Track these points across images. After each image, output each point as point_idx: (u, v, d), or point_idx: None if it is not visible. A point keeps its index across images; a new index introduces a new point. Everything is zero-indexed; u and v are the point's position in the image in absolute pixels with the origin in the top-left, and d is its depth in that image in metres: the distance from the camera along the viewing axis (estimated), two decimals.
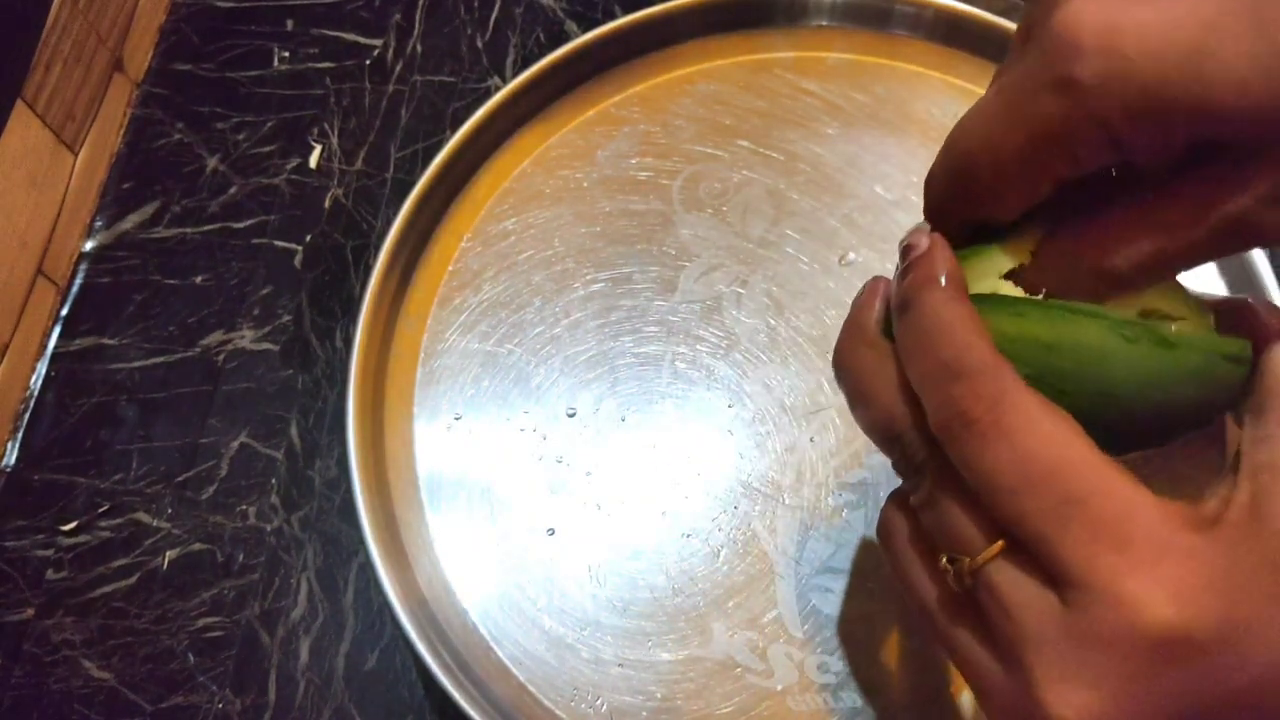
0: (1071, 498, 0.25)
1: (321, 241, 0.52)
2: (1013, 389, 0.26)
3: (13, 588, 0.46)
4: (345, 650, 0.44)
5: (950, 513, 0.27)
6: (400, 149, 0.54)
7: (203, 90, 0.56)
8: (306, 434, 0.48)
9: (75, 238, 0.53)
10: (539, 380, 0.46)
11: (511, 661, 0.41)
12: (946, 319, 0.27)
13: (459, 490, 0.44)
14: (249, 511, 0.47)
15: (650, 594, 0.42)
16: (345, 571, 0.45)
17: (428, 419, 0.46)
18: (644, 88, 0.51)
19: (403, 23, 0.57)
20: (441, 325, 0.47)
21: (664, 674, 0.41)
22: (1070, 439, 0.25)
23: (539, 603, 0.42)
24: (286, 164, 0.54)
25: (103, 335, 0.51)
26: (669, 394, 0.45)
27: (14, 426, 0.49)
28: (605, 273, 0.48)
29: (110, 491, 0.47)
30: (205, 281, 0.52)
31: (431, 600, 0.42)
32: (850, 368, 0.30)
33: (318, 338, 0.50)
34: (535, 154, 0.50)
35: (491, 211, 0.49)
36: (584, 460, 0.44)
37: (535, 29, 0.56)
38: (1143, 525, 0.24)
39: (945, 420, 0.26)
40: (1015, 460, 0.25)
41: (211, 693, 0.44)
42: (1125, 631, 0.24)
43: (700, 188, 0.49)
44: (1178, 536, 0.24)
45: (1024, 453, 0.25)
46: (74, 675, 0.44)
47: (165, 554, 0.46)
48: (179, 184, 0.54)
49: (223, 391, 0.49)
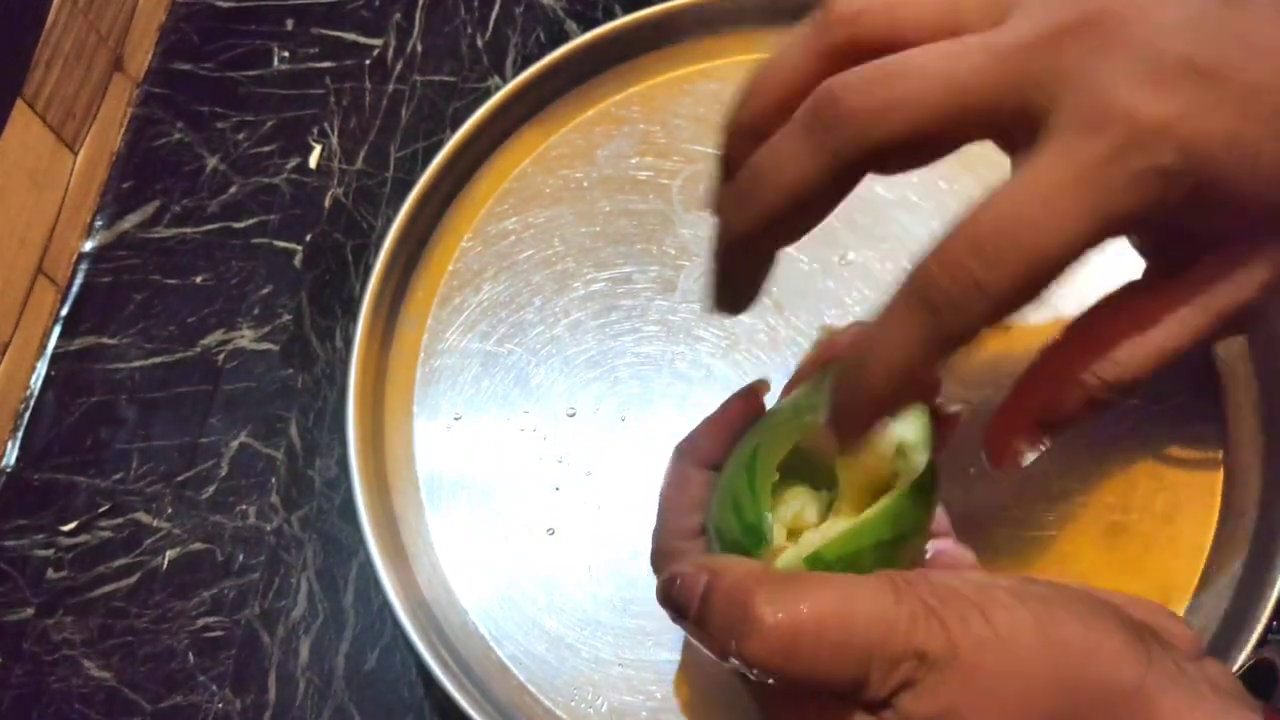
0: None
1: (321, 241, 0.52)
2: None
3: (13, 587, 0.46)
4: (345, 650, 0.44)
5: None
6: (400, 149, 0.54)
7: (203, 90, 0.56)
8: (306, 433, 0.48)
9: (75, 237, 0.53)
10: (539, 380, 0.46)
11: (511, 661, 0.41)
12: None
13: (459, 490, 0.44)
14: (249, 511, 0.47)
15: (650, 594, 0.41)
16: (345, 571, 0.45)
17: (428, 419, 0.46)
18: (644, 88, 0.51)
19: (403, 22, 0.57)
20: (441, 325, 0.47)
21: (664, 674, 0.41)
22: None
23: (539, 603, 0.42)
24: (286, 164, 0.54)
25: (103, 335, 0.51)
26: (669, 394, 0.45)
27: (14, 426, 0.49)
28: (605, 273, 0.48)
29: (110, 491, 0.47)
30: (205, 281, 0.52)
31: (431, 600, 0.42)
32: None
33: (318, 337, 0.50)
34: (535, 154, 0.50)
35: (491, 211, 0.49)
36: (584, 460, 0.44)
37: (535, 29, 0.56)
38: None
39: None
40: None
41: (211, 692, 0.44)
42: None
43: (700, 188, 0.49)
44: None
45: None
46: (74, 675, 0.44)
47: (165, 554, 0.46)
48: (179, 184, 0.54)
49: (223, 391, 0.49)
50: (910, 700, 0.26)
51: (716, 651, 0.28)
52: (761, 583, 0.27)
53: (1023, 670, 0.26)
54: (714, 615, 0.28)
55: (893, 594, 0.27)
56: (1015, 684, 0.26)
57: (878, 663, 0.26)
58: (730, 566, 0.29)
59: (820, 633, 0.26)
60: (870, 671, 0.26)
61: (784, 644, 0.27)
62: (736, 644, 0.27)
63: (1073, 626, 0.27)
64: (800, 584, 0.27)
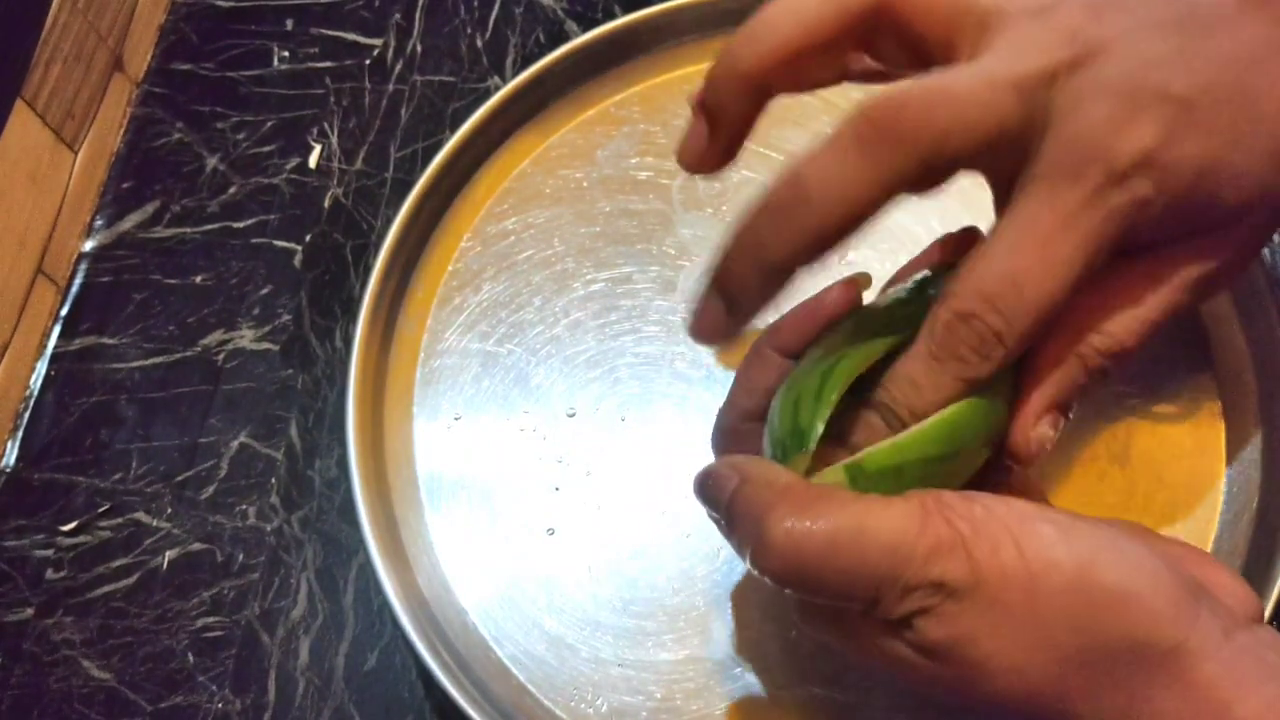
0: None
1: (321, 241, 0.52)
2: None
3: (12, 587, 0.46)
4: (345, 650, 0.44)
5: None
6: (400, 149, 0.54)
7: (203, 90, 0.56)
8: (306, 434, 0.48)
9: (75, 237, 0.53)
10: (539, 380, 0.46)
11: (511, 661, 0.41)
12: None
13: (459, 490, 0.44)
14: (249, 511, 0.47)
15: (650, 594, 0.42)
16: (345, 571, 0.45)
17: (428, 419, 0.46)
18: (644, 88, 0.51)
19: (403, 22, 0.57)
20: (441, 325, 0.47)
21: (664, 674, 0.41)
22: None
23: (539, 603, 0.42)
24: (286, 164, 0.54)
25: (102, 335, 0.51)
26: (669, 394, 0.45)
27: (13, 426, 0.49)
28: (605, 273, 0.48)
29: (110, 491, 0.47)
30: (205, 281, 0.52)
31: (431, 600, 0.42)
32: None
33: (318, 337, 0.50)
34: (535, 154, 0.50)
35: (491, 211, 0.49)
36: (584, 460, 0.44)
37: (535, 29, 0.56)
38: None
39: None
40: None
41: (211, 692, 0.44)
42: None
43: (700, 188, 0.49)
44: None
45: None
46: (74, 675, 0.44)
47: (165, 554, 0.46)
48: (179, 184, 0.54)
49: (222, 391, 0.49)
50: (925, 624, 0.27)
51: (740, 555, 0.29)
52: (781, 498, 0.28)
53: (1047, 610, 0.26)
54: (735, 522, 0.29)
55: (919, 520, 0.27)
56: (1037, 622, 0.26)
57: (891, 587, 0.27)
58: (758, 474, 0.29)
59: (827, 557, 0.27)
60: (882, 596, 0.27)
61: (791, 564, 0.27)
62: (750, 555, 0.28)
63: (1113, 574, 0.27)
64: (818, 504, 0.28)
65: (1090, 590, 0.26)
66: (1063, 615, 0.26)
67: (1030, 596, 0.26)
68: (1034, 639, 0.26)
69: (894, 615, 0.27)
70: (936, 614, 0.27)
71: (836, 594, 0.28)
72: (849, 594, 0.28)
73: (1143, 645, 0.26)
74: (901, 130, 0.29)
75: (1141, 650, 0.26)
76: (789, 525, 0.27)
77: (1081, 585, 0.26)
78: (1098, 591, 0.26)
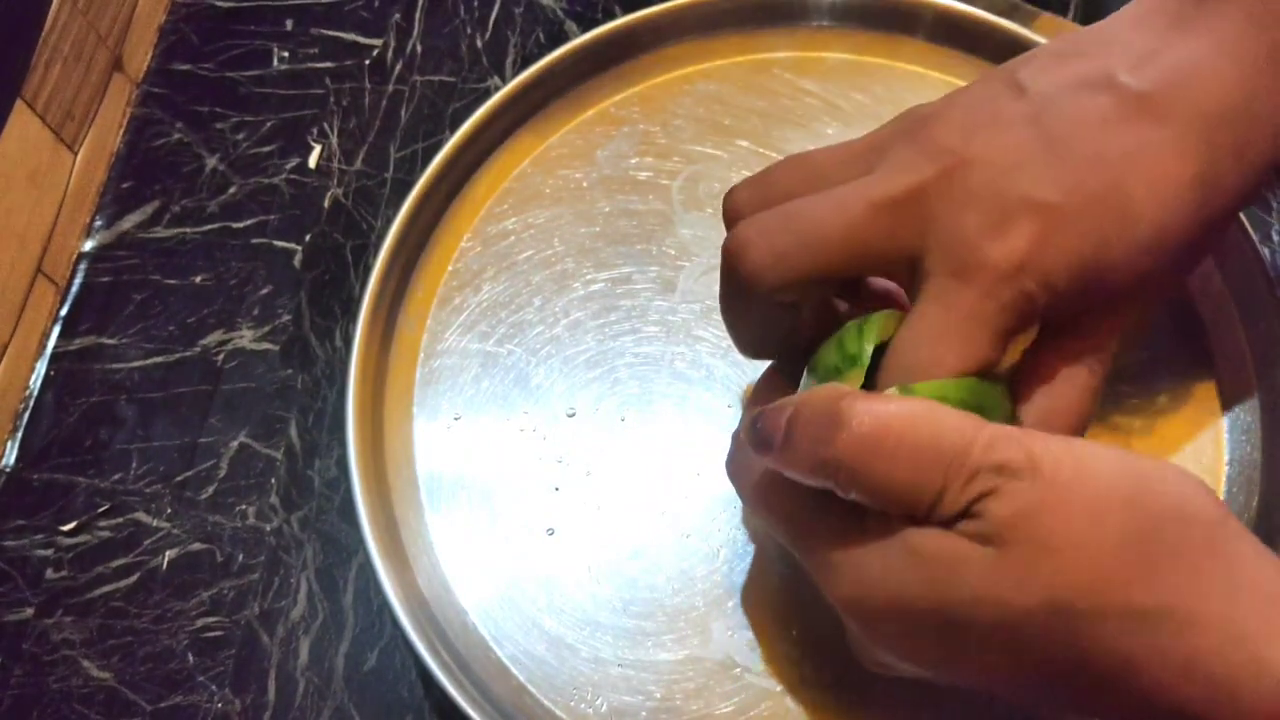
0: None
1: (321, 241, 0.52)
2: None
3: (12, 587, 0.46)
4: (345, 650, 0.44)
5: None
6: (400, 149, 0.54)
7: (202, 90, 0.56)
8: (306, 434, 0.48)
9: (75, 237, 0.53)
10: (539, 380, 0.46)
11: (511, 661, 0.41)
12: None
13: (459, 490, 0.44)
14: (248, 511, 0.47)
15: (650, 594, 0.42)
16: (345, 571, 0.45)
17: (428, 419, 0.46)
18: (644, 88, 0.51)
19: (402, 23, 0.57)
20: (441, 325, 0.47)
21: (663, 674, 0.41)
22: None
23: (539, 603, 0.42)
24: (286, 164, 0.54)
25: (102, 335, 0.51)
26: (669, 394, 0.45)
27: (13, 426, 0.49)
28: (605, 273, 0.48)
29: (110, 491, 0.47)
30: (205, 281, 0.52)
31: (431, 600, 0.42)
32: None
33: (317, 338, 0.50)
34: (535, 154, 0.50)
35: (491, 211, 0.49)
36: (584, 460, 0.44)
37: (535, 29, 0.57)
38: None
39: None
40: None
41: (211, 692, 0.44)
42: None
43: (700, 188, 0.49)
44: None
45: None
46: (74, 675, 0.44)
47: (165, 554, 0.46)
48: (179, 184, 0.54)
49: (222, 391, 0.49)
50: (992, 504, 0.28)
51: (801, 464, 0.30)
52: (852, 393, 0.30)
53: (1104, 488, 0.28)
54: (801, 429, 0.30)
55: (974, 421, 0.29)
56: (1095, 497, 0.27)
57: (958, 472, 0.28)
58: (819, 392, 0.30)
59: (905, 434, 0.28)
60: (951, 480, 0.28)
61: (870, 440, 0.28)
62: (824, 445, 0.29)
63: (1155, 464, 0.29)
64: (889, 397, 0.30)
65: (1139, 474, 0.28)
66: (1116, 492, 0.27)
67: (1084, 478, 0.28)
68: (1091, 513, 0.27)
69: (960, 503, 0.28)
70: (1002, 493, 0.27)
71: (908, 478, 0.28)
72: (920, 477, 0.28)
73: (1194, 517, 0.27)
74: (741, 269, 0.33)
75: (1190, 519, 0.27)
76: (864, 409, 0.28)
77: (1127, 470, 0.28)
78: (1146, 474, 0.28)
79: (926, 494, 0.28)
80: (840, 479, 0.29)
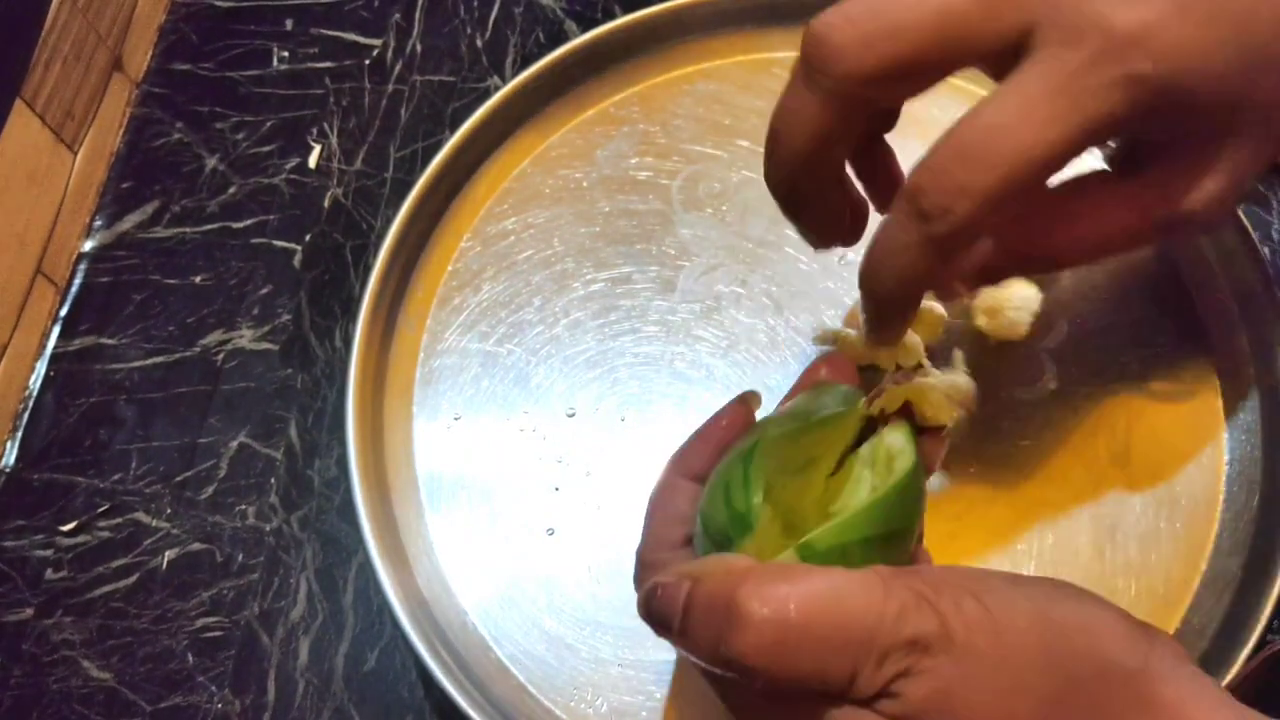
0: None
1: (321, 241, 0.52)
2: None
3: (12, 588, 0.46)
4: (345, 650, 0.44)
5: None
6: (400, 149, 0.54)
7: (202, 90, 0.56)
8: (306, 434, 0.48)
9: (74, 237, 0.53)
10: (539, 380, 0.46)
11: (511, 661, 0.41)
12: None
13: (459, 490, 0.44)
14: (248, 511, 0.47)
15: None
16: (345, 571, 0.45)
17: (427, 419, 0.46)
18: (644, 88, 0.51)
19: (402, 22, 0.57)
20: (441, 325, 0.47)
21: (664, 674, 0.41)
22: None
23: (539, 603, 0.42)
24: (286, 164, 0.54)
25: (102, 335, 0.51)
26: (669, 394, 0.45)
27: (13, 426, 0.49)
28: (605, 273, 0.48)
29: (109, 491, 0.47)
30: (205, 281, 0.52)
31: (431, 600, 0.42)
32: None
33: (317, 337, 0.50)
34: (535, 154, 0.50)
35: (491, 211, 0.49)
36: (584, 460, 0.44)
37: (535, 29, 0.56)
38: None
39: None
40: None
41: (211, 693, 0.44)
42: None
43: (700, 188, 0.49)
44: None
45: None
46: (73, 675, 0.44)
47: (164, 554, 0.46)
48: (178, 184, 0.54)
49: (222, 391, 0.49)
50: (907, 686, 0.26)
51: (704, 657, 0.28)
52: (746, 578, 0.27)
53: (1019, 651, 0.26)
54: (698, 619, 0.28)
55: (881, 586, 0.26)
56: (1011, 664, 0.26)
57: (868, 656, 0.26)
58: (713, 569, 0.28)
59: (808, 626, 0.26)
60: (862, 666, 0.26)
61: (772, 639, 0.26)
62: (724, 644, 0.26)
63: (1071, 607, 0.27)
64: (785, 576, 0.27)
65: (1053, 626, 0.26)
66: (1032, 654, 0.26)
67: (998, 642, 0.26)
68: (1009, 684, 0.26)
69: (875, 686, 0.26)
70: (916, 672, 0.26)
71: (816, 669, 0.26)
72: (829, 667, 0.26)
73: (1110, 668, 0.26)
74: (823, 54, 0.30)
75: (1109, 674, 0.26)
76: (762, 602, 0.26)
77: (1044, 622, 0.26)
78: (1061, 625, 0.27)
79: (837, 681, 0.26)
80: (743, 676, 0.27)
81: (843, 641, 0.26)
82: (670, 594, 0.28)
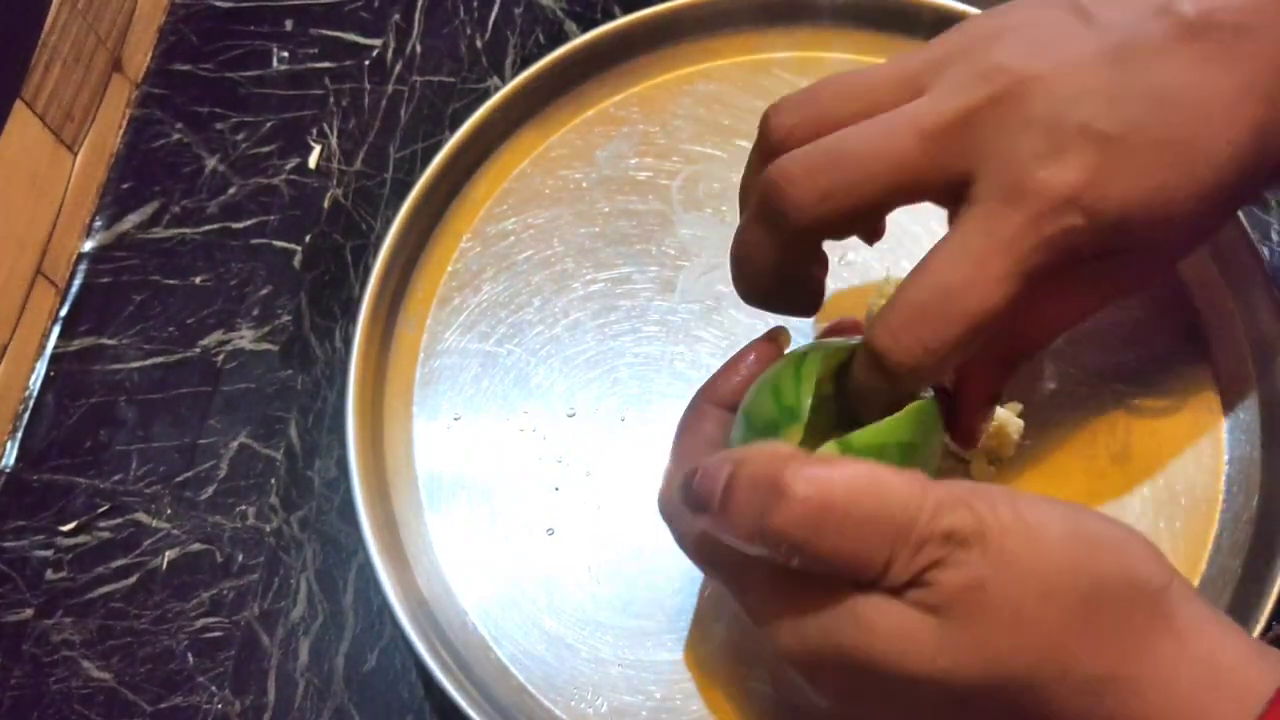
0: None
1: (321, 242, 0.52)
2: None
3: (12, 588, 0.46)
4: (345, 650, 0.44)
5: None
6: (399, 149, 0.54)
7: (202, 90, 0.56)
8: (306, 434, 0.48)
9: (74, 238, 0.53)
10: (539, 380, 0.46)
11: (511, 661, 0.41)
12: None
13: (459, 490, 0.44)
14: (248, 512, 0.47)
15: (650, 594, 0.42)
16: (345, 572, 0.45)
17: (427, 419, 0.46)
18: (643, 88, 0.51)
19: (402, 23, 0.57)
20: (441, 325, 0.47)
21: (664, 674, 0.41)
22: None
23: (539, 603, 0.42)
24: (286, 164, 0.54)
25: (102, 335, 0.51)
26: (669, 394, 0.45)
27: (13, 427, 0.49)
28: (605, 273, 0.48)
29: (109, 492, 0.47)
30: (205, 282, 0.52)
31: (431, 600, 0.42)
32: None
33: (317, 338, 0.50)
34: (534, 154, 0.50)
35: (491, 211, 0.49)
36: (584, 460, 0.44)
37: (535, 29, 0.57)
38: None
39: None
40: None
41: (211, 693, 0.44)
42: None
43: (700, 188, 0.49)
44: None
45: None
46: (73, 675, 0.44)
47: (164, 554, 0.46)
48: (178, 184, 0.54)
49: (222, 392, 0.49)
50: (941, 575, 0.27)
51: (741, 533, 0.28)
52: (793, 457, 0.28)
53: (1051, 557, 0.27)
54: (741, 496, 0.28)
55: (921, 482, 0.28)
56: (1043, 570, 0.27)
57: (905, 542, 0.27)
58: (758, 453, 0.29)
59: (850, 505, 0.27)
60: (899, 551, 0.27)
61: (815, 513, 0.27)
62: (766, 518, 0.27)
63: (1103, 526, 0.28)
64: (831, 461, 0.28)
65: (1084, 538, 0.28)
66: (1062, 562, 0.27)
67: (1032, 548, 0.27)
68: (1039, 588, 0.27)
69: (909, 572, 0.27)
70: (950, 563, 0.27)
71: (854, 550, 0.27)
72: (866, 550, 0.27)
73: (1137, 583, 0.27)
74: (783, 205, 0.32)
75: (1135, 589, 0.27)
76: (808, 479, 0.27)
77: (1075, 534, 0.28)
78: (1092, 540, 0.28)
79: (873, 565, 0.27)
80: (782, 551, 0.28)
81: (882, 525, 0.27)
82: (712, 473, 0.29)
